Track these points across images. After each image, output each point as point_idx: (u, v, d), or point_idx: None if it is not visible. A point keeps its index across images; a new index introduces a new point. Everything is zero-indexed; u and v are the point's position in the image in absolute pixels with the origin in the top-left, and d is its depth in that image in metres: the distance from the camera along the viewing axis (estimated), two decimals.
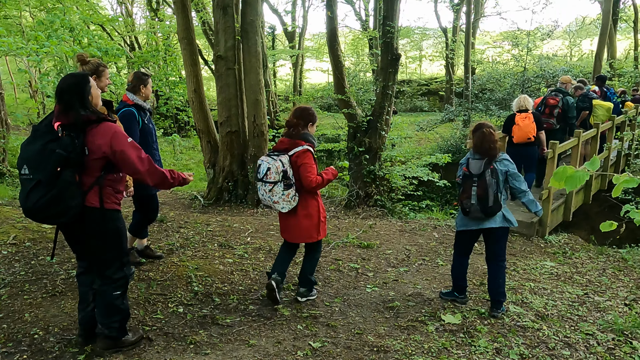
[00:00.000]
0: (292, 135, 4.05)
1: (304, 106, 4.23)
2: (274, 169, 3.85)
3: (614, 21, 22.13)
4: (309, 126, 4.12)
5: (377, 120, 10.28)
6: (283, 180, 3.87)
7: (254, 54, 9.13)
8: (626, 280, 5.70)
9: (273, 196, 3.90)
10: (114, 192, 3.17)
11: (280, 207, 3.94)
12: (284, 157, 3.93)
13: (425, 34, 28.98)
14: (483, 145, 4.23)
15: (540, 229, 7.52)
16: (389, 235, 7.24)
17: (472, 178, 4.19)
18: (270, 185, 3.88)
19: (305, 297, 4.37)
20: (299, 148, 3.96)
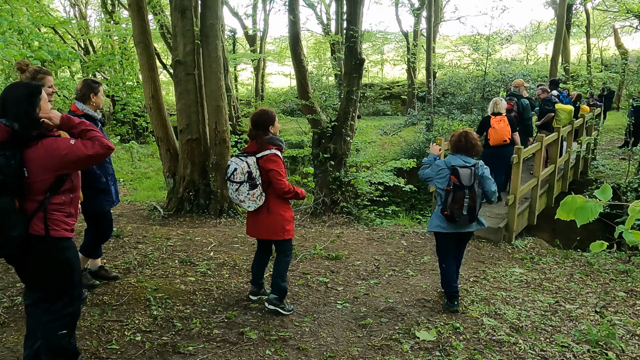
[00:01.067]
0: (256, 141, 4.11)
1: (260, 111, 4.23)
2: (239, 169, 3.98)
3: (567, 26, 22.79)
4: (270, 128, 4.15)
5: (342, 125, 10.14)
6: (248, 181, 3.98)
7: (215, 59, 8.83)
8: (594, 285, 5.71)
9: (239, 195, 4.03)
10: (63, 217, 2.83)
11: (247, 205, 4.06)
12: (251, 158, 4.04)
13: (386, 38, 29.15)
14: (461, 143, 4.47)
15: (507, 234, 7.51)
16: (357, 244, 7.07)
17: (463, 189, 4.33)
18: (236, 184, 4.01)
19: (275, 305, 4.23)
20: (267, 152, 4.04)
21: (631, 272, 6.23)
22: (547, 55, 29.36)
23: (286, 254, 4.30)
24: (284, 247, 4.28)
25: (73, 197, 2.89)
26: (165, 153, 9.41)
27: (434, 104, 15.99)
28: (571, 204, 1.95)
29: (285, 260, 4.29)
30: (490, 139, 8.09)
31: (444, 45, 30.35)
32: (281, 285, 4.24)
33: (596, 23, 27.60)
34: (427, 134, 15.16)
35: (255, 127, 4.12)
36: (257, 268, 4.49)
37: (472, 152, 4.50)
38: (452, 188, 4.35)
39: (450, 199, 4.35)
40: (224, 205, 9.14)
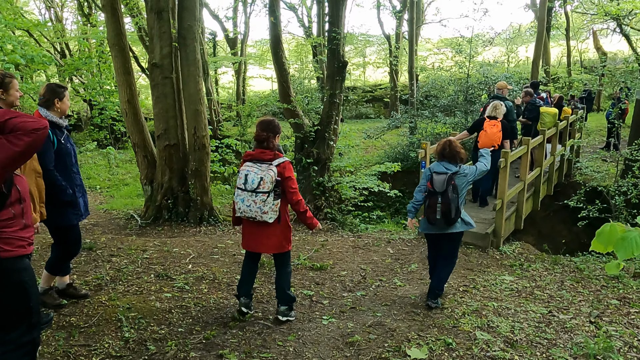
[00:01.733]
0: (268, 147, 3.95)
1: (269, 119, 4.10)
2: (268, 178, 3.78)
3: (547, 29, 22.95)
4: (276, 138, 4.06)
5: (325, 129, 9.92)
6: (275, 190, 3.83)
7: (193, 62, 8.53)
8: (586, 293, 5.56)
9: (264, 206, 3.81)
10: (16, 233, 2.53)
11: (269, 217, 3.85)
12: (273, 167, 3.85)
13: (368, 41, 29.04)
14: (444, 150, 4.70)
15: (495, 240, 7.35)
16: (342, 253, 6.84)
17: (436, 195, 4.57)
18: (264, 195, 3.79)
19: (286, 316, 4.23)
20: (282, 159, 3.92)
21: (622, 278, 6.10)
22: (528, 57, 29.56)
23: (289, 263, 4.26)
24: (287, 257, 4.21)
25: (24, 206, 2.59)
26: (143, 159, 9.08)
27: (417, 106, 15.86)
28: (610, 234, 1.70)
29: (289, 270, 4.26)
30: (479, 142, 7.95)
31: (426, 48, 30.36)
32: (290, 296, 4.26)
33: (575, 26, 27.89)
34: (410, 137, 15.02)
35: (265, 131, 3.96)
36: (249, 279, 4.33)
37: (455, 159, 4.70)
38: (427, 194, 4.68)
39: (426, 204, 4.67)
40: (204, 213, 8.85)
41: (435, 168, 4.72)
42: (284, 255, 4.17)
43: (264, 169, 3.83)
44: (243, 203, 3.86)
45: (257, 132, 4.02)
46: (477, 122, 8.14)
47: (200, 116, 8.72)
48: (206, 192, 8.93)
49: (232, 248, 6.61)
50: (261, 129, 3.99)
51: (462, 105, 14.46)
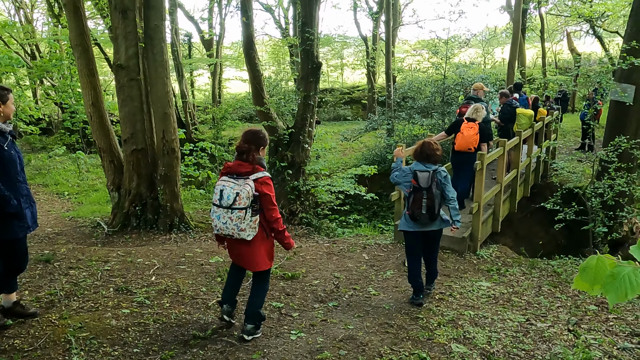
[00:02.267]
0: (248, 160, 3.73)
1: (254, 129, 3.91)
2: (244, 193, 3.55)
3: (522, 30, 23.10)
4: (261, 150, 3.85)
5: (300, 132, 9.71)
6: (252, 206, 3.59)
7: (161, 63, 8.23)
8: (563, 298, 5.43)
9: (241, 223, 3.57)
10: None
11: (247, 234, 3.63)
12: (250, 181, 3.62)
13: (345, 43, 28.92)
14: (423, 151, 4.89)
15: (472, 244, 7.21)
16: (316, 260, 6.62)
17: (421, 191, 4.79)
18: (240, 211, 3.55)
19: (252, 335, 3.97)
20: (261, 174, 3.70)
21: None
22: (503, 59, 29.82)
23: (267, 281, 4.09)
24: (266, 274, 4.04)
25: None
26: (109, 165, 8.73)
27: (394, 108, 15.75)
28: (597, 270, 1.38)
29: (266, 288, 4.08)
30: (455, 143, 7.83)
31: (403, 50, 30.35)
32: (261, 314, 4.03)
33: (549, 27, 28.19)
34: (388, 139, 14.88)
35: (248, 143, 3.74)
36: (235, 285, 4.17)
37: (432, 159, 4.91)
38: (412, 190, 4.85)
39: (411, 200, 4.83)
40: (174, 220, 8.54)
41: (416, 167, 4.92)
42: (264, 273, 3.99)
43: (240, 184, 3.59)
44: (219, 220, 3.63)
45: (239, 142, 3.81)
46: (455, 124, 8.00)
47: (169, 119, 8.41)
48: (176, 198, 8.63)
49: (200, 257, 6.33)
50: (244, 140, 3.78)
51: (439, 106, 14.38)
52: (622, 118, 8.95)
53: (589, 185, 6.65)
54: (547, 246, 11.71)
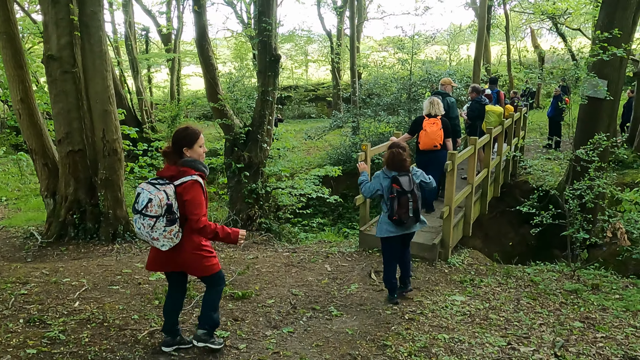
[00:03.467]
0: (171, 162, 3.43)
1: (183, 126, 3.55)
2: (156, 201, 3.24)
3: (487, 27, 22.94)
4: (186, 151, 3.43)
5: (257, 131, 8.99)
6: (166, 215, 3.27)
7: (99, 54, 7.41)
8: (545, 313, 4.91)
9: (153, 232, 3.29)
10: None
11: (160, 244, 3.34)
12: (169, 187, 3.32)
13: (310, 38, 28.22)
14: (395, 162, 4.82)
15: (443, 251, 6.66)
16: (273, 273, 5.93)
17: (406, 194, 4.75)
18: (151, 219, 3.26)
19: (204, 342, 3.66)
20: (187, 178, 3.34)
21: (581, 292, 5.52)
22: (469, 56, 29.69)
23: (218, 284, 3.69)
24: (214, 279, 3.64)
25: None
26: (42, 168, 7.84)
27: (360, 105, 15.18)
28: None
29: (218, 289, 3.71)
30: (420, 143, 7.26)
31: (368, 46, 29.90)
32: (213, 318, 3.67)
33: (514, 25, 28.21)
34: (353, 137, 14.31)
35: (174, 143, 3.44)
36: (172, 312, 3.73)
37: (405, 168, 4.85)
38: (397, 195, 4.74)
39: (397, 205, 4.73)
40: (118, 228, 7.73)
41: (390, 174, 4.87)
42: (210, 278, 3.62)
43: (159, 189, 3.28)
44: (135, 224, 3.35)
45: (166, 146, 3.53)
46: (416, 122, 7.40)
47: (109, 117, 7.60)
48: (120, 204, 7.81)
49: (139, 274, 5.57)
50: (171, 141, 3.48)
51: (406, 103, 13.91)
52: (593, 114, 8.60)
53: (567, 187, 6.17)
54: (517, 247, 11.36)
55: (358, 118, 14.53)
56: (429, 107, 7.15)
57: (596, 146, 5.96)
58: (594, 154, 5.89)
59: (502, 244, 11.45)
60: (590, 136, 7.08)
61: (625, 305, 5.12)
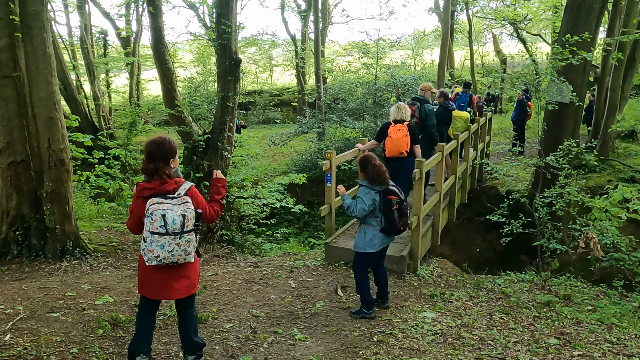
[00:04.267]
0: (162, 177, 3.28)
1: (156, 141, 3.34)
2: (190, 214, 3.24)
3: (451, 32, 23.12)
4: (172, 162, 3.38)
5: (218, 138, 8.58)
6: (196, 225, 3.32)
7: (43, 57, 6.88)
8: (519, 330, 4.69)
9: (189, 247, 3.26)
10: None
11: (191, 257, 3.33)
12: (186, 198, 3.29)
13: (274, 42, 27.84)
14: (380, 177, 4.74)
15: (412, 262, 6.40)
16: (233, 292, 5.55)
17: (403, 202, 4.83)
18: (189, 234, 3.25)
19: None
20: (187, 185, 3.38)
21: (553, 304, 5.34)
22: (433, 60, 29.90)
23: (194, 306, 3.68)
24: (193, 299, 3.65)
25: None
26: None
27: (325, 110, 14.91)
28: None
29: (195, 314, 3.68)
30: (386, 150, 7.00)
31: (334, 50, 29.73)
32: (200, 342, 3.71)
33: (476, 30, 28.58)
34: (319, 143, 14.01)
35: (154, 161, 3.27)
36: (149, 332, 3.62)
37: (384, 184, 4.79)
38: (398, 205, 4.74)
39: (397, 215, 4.72)
40: (67, 245, 7.19)
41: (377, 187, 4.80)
42: (192, 297, 3.61)
43: (180, 204, 3.23)
44: (163, 249, 3.17)
45: (143, 163, 3.32)
46: (383, 128, 7.13)
47: (56, 125, 7.06)
48: (68, 218, 7.26)
49: (85, 297, 5.09)
50: (148, 157, 3.29)
51: (371, 108, 13.71)
52: (560, 119, 8.55)
53: (537, 195, 6.01)
54: (485, 253, 11.28)
55: (323, 123, 14.25)
56: (395, 112, 6.89)
57: (566, 153, 5.81)
58: (564, 161, 5.74)
59: (470, 251, 11.35)
60: (557, 141, 6.98)
61: (599, 317, 4.96)
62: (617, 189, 5.43)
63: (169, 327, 4.46)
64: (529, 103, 13.95)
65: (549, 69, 6.85)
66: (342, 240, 6.94)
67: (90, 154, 10.90)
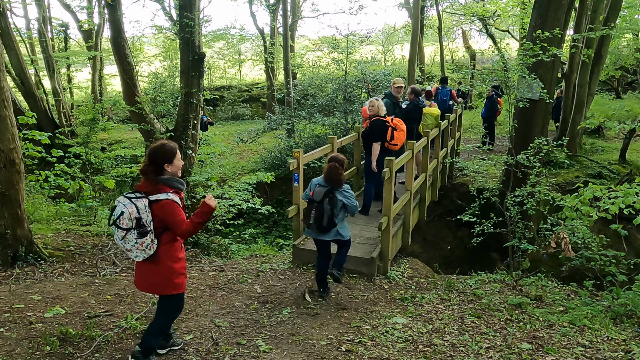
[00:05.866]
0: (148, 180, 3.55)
1: (156, 145, 3.64)
2: (127, 214, 3.43)
3: (421, 28, 23.10)
4: (167, 166, 3.56)
5: (181, 136, 8.23)
6: (136, 228, 3.45)
7: None
8: (491, 334, 4.56)
9: (125, 244, 3.52)
10: None
11: (134, 255, 3.56)
12: (142, 201, 3.48)
13: (243, 37, 27.31)
14: (331, 177, 5.14)
15: (382, 264, 6.23)
16: (195, 299, 5.27)
17: (313, 203, 5.16)
18: (122, 231, 3.46)
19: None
20: (163, 196, 3.50)
21: (525, 305, 5.24)
22: (403, 56, 29.92)
23: (168, 311, 3.80)
24: (168, 302, 3.77)
25: None
26: None
27: (295, 106, 14.63)
28: None
29: (166, 317, 3.82)
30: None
31: (303, 45, 29.40)
32: (150, 341, 3.77)
33: (446, 25, 28.68)
34: (288, 140, 13.73)
35: (150, 163, 3.55)
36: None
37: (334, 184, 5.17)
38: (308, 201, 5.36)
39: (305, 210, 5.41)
40: (19, 250, 6.77)
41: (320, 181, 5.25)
42: (165, 299, 3.75)
43: (131, 202, 3.45)
44: (115, 235, 3.54)
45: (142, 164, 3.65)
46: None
47: (4, 123, 6.60)
48: (20, 222, 6.83)
49: (34, 309, 4.73)
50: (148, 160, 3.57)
51: (342, 104, 13.50)
52: (529, 115, 8.51)
53: (508, 194, 5.91)
54: (456, 250, 11.22)
55: (293, 120, 13.98)
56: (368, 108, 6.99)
57: (537, 151, 5.72)
58: (535, 159, 5.64)
59: (440, 248, 11.29)
60: (527, 138, 6.91)
61: (570, 319, 4.87)
62: (588, 187, 5.34)
63: (123, 340, 4.16)
64: (498, 99, 13.99)
65: (519, 66, 6.75)
66: (310, 242, 6.71)
67: (48, 153, 10.36)
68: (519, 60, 6.94)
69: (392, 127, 7.18)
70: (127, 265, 7.12)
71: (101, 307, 4.87)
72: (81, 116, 19.65)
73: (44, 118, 15.58)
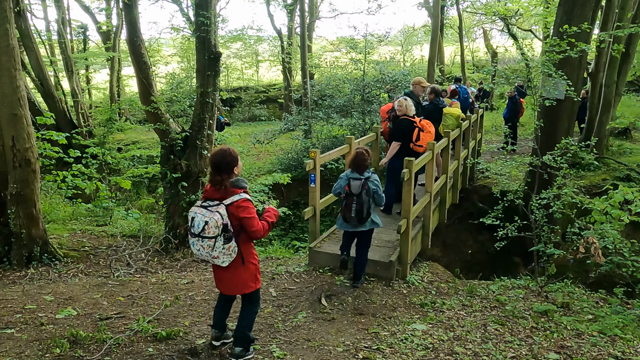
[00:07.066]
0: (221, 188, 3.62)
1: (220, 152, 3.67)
2: (212, 222, 3.49)
3: (440, 27, 22.81)
4: (235, 170, 3.68)
5: (197, 136, 8.13)
6: (223, 234, 3.54)
7: (6, 50, 6.42)
8: (516, 343, 4.34)
9: (213, 251, 3.56)
10: None
11: (221, 261, 3.63)
12: (221, 207, 3.55)
13: (260, 38, 27.30)
14: (358, 162, 5.33)
15: (401, 268, 6.03)
16: (209, 302, 5.14)
17: (352, 196, 5.28)
18: (210, 240, 3.52)
19: (242, 357, 3.87)
20: (237, 197, 3.60)
21: (551, 313, 5.00)
22: (422, 56, 29.60)
23: (255, 304, 4.01)
24: (254, 297, 3.94)
25: None
26: None
27: (312, 107, 14.48)
28: None
29: (254, 310, 4.02)
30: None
31: (321, 46, 29.25)
32: (248, 336, 3.95)
33: (466, 25, 28.29)
34: (305, 141, 13.59)
35: (219, 171, 3.60)
36: (222, 313, 4.09)
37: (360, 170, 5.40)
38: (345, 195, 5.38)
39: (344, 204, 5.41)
40: (34, 250, 6.77)
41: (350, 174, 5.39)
42: (251, 295, 3.90)
43: (212, 210, 3.52)
44: (194, 247, 3.62)
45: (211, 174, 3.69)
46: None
47: (21, 122, 6.61)
48: (36, 222, 6.83)
49: (46, 310, 4.65)
50: (215, 170, 3.61)
51: (359, 105, 13.32)
52: (554, 116, 8.23)
53: (533, 196, 5.67)
54: (477, 255, 10.93)
55: (310, 121, 13.83)
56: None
57: (564, 152, 5.47)
58: (562, 160, 5.39)
59: (461, 252, 11.00)
60: (552, 139, 6.65)
61: (600, 328, 4.63)
62: (618, 189, 5.08)
63: (134, 343, 4.04)
64: (521, 99, 13.66)
65: (545, 63, 6.48)
66: (326, 244, 6.55)
67: (65, 153, 10.39)
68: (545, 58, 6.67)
69: (419, 128, 6.95)
70: (141, 267, 7.06)
71: (113, 309, 4.76)
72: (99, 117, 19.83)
73: (63, 119, 15.70)
